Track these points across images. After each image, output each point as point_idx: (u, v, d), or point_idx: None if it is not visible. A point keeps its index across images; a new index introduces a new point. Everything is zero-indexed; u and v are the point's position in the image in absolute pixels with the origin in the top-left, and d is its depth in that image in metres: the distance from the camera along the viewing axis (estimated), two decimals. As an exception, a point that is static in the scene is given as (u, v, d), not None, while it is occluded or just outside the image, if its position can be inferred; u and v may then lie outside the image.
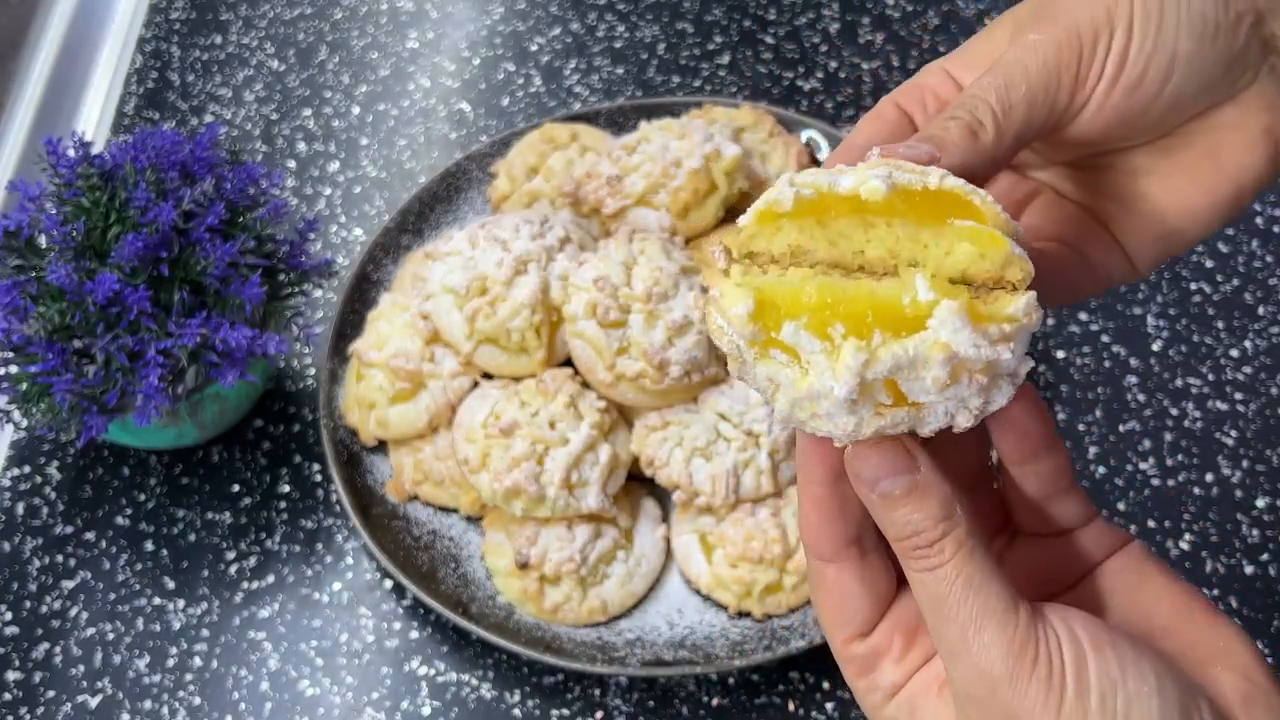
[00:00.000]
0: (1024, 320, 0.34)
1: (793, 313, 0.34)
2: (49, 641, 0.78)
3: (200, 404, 0.79)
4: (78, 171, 0.76)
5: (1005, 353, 0.34)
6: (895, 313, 0.34)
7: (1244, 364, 0.89)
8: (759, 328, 0.34)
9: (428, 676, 0.77)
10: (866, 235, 0.36)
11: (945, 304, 0.33)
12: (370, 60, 1.10)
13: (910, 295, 0.34)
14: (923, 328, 0.33)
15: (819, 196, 0.35)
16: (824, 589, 0.40)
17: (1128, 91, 0.40)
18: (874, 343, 0.34)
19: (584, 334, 0.78)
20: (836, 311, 0.34)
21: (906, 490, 0.36)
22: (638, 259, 0.79)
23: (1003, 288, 0.35)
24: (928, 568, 0.36)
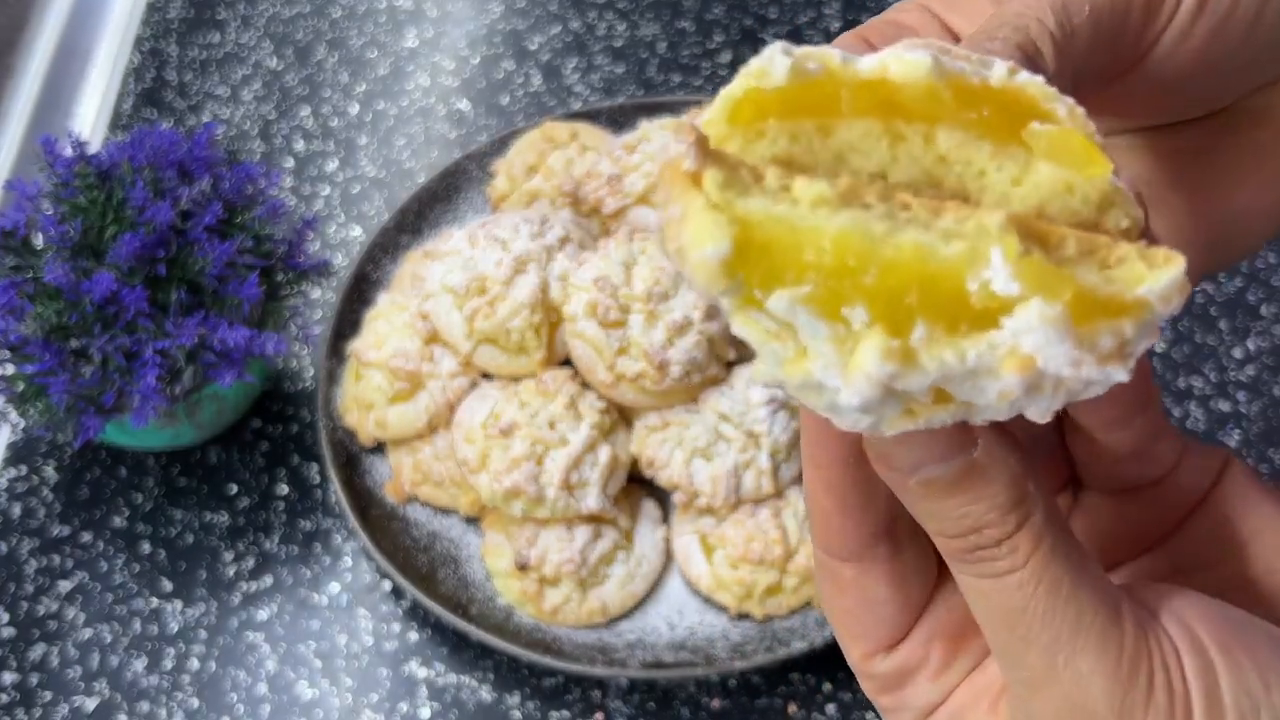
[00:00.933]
0: (1159, 311, 0.23)
1: (792, 274, 0.23)
2: (46, 643, 0.78)
3: (198, 404, 0.79)
4: (74, 171, 0.76)
5: (1119, 373, 0.23)
6: (953, 296, 0.23)
7: (1247, 364, 0.89)
8: (737, 282, 0.23)
9: (427, 678, 0.76)
10: (893, 152, 0.25)
11: (1037, 306, 0.22)
12: (369, 59, 1.09)
13: (979, 273, 0.23)
14: (994, 325, 0.23)
15: (827, 78, 0.24)
16: (840, 593, 0.31)
17: (1213, 30, 0.29)
18: (913, 339, 0.23)
19: (584, 334, 0.78)
20: (859, 282, 0.22)
21: (959, 474, 0.26)
22: (638, 258, 0.79)
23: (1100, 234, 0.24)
24: (994, 574, 0.26)
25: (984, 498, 0.26)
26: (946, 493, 0.26)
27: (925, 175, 0.25)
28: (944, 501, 0.27)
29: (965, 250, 0.22)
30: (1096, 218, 0.24)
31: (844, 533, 0.30)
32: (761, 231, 0.23)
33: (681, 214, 0.23)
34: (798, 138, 0.25)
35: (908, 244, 0.22)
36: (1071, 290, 0.22)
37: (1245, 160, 0.33)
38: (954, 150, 0.25)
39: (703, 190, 0.23)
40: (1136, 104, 0.32)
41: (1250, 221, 0.34)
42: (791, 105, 0.24)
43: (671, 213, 0.23)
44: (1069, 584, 0.26)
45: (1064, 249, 0.23)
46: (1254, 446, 0.85)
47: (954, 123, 0.24)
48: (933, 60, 0.23)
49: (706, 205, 0.23)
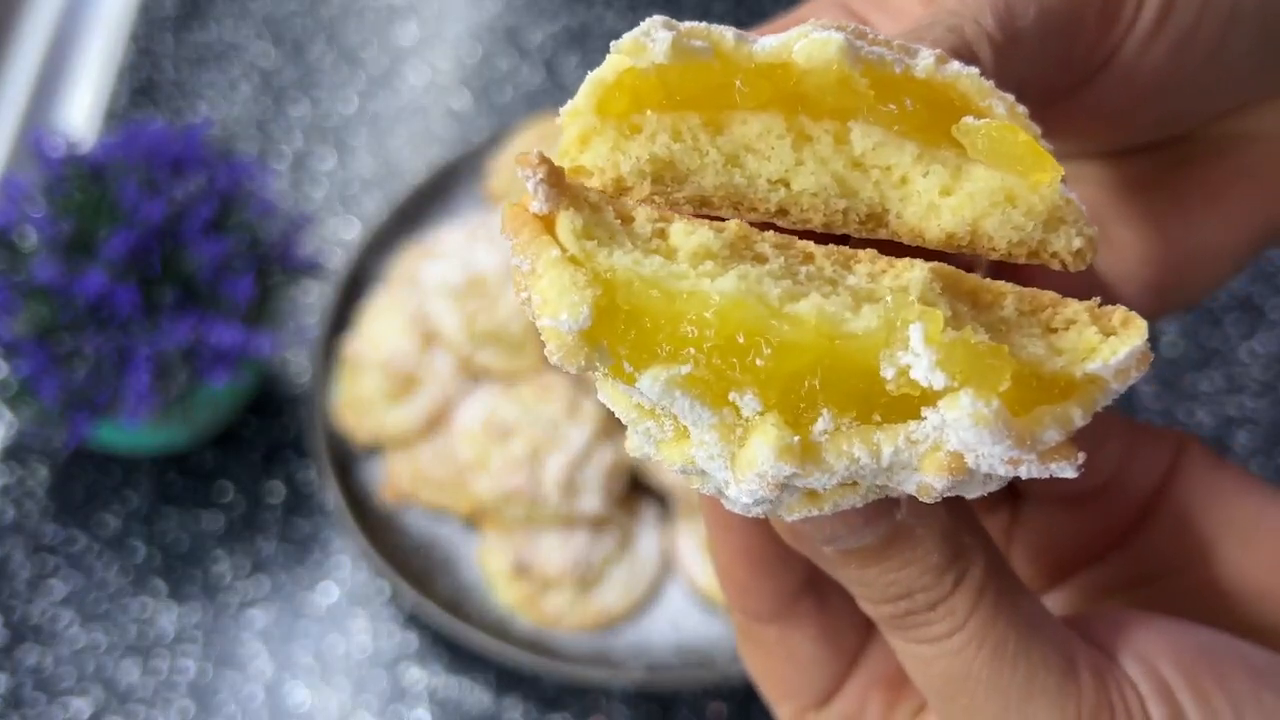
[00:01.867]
0: (1113, 389, 0.20)
1: (667, 348, 0.18)
2: (39, 647, 0.77)
3: (191, 405, 0.78)
4: (66, 168, 0.75)
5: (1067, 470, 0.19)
6: (865, 380, 0.19)
7: (1253, 364, 0.88)
8: (599, 351, 0.19)
9: (424, 682, 0.76)
10: (797, 154, 0.21)
11: (967, 403, 0.18)
12: (364, 54, 1.08)
13: (896, 357, 0.19)
14: (914, 413, 0.19)
15: (718, 60, 0.20)
16: (764, 655, 0.28)
17: (1175, 46, 0.25)
18: (816, 432, 0.19)
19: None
20: (749, 364, 0.18)
21: (883, 543, 0.23)
22: None
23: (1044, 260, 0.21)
24: (931, 639, 0.23)
25: (913, 561, 0.23)
26: (869, 562, 0.24)
27: (837, 183, 0.21)
28: (867, 570, 0.24)
29: (880, 326, 0.18)
30: (1043, 236, 0.20)
31: (762, 594, 0.28)
32: (630, 295, 0.18)
33: (531, 269, 0.19)
34: (681, 134, 0.21)
35: (809, 316, 0.18)
36: (1009, 375, 0.19)
37: (1203, 194, 0.29)
38: (871, 152, 0.21)
39: (557, 238, 0.19)
40: (1088, 124, 0.28)
41: (1207, 262, 0.30)
42: (674, 94, 0.21)
43: (518, 264, 0.19)
44: (1015, 641, 0.23)
45: (1000, 308, 0.20)
46: (1261, 446, 0.84)
47: (871, 118, 0.20)
48: (845, 41, 0.19)
49: (562, 260, 0.19)
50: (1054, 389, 0.19)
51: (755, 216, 0.20)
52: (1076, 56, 0.25)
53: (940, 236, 0.20)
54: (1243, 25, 0.26)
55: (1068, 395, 0.19)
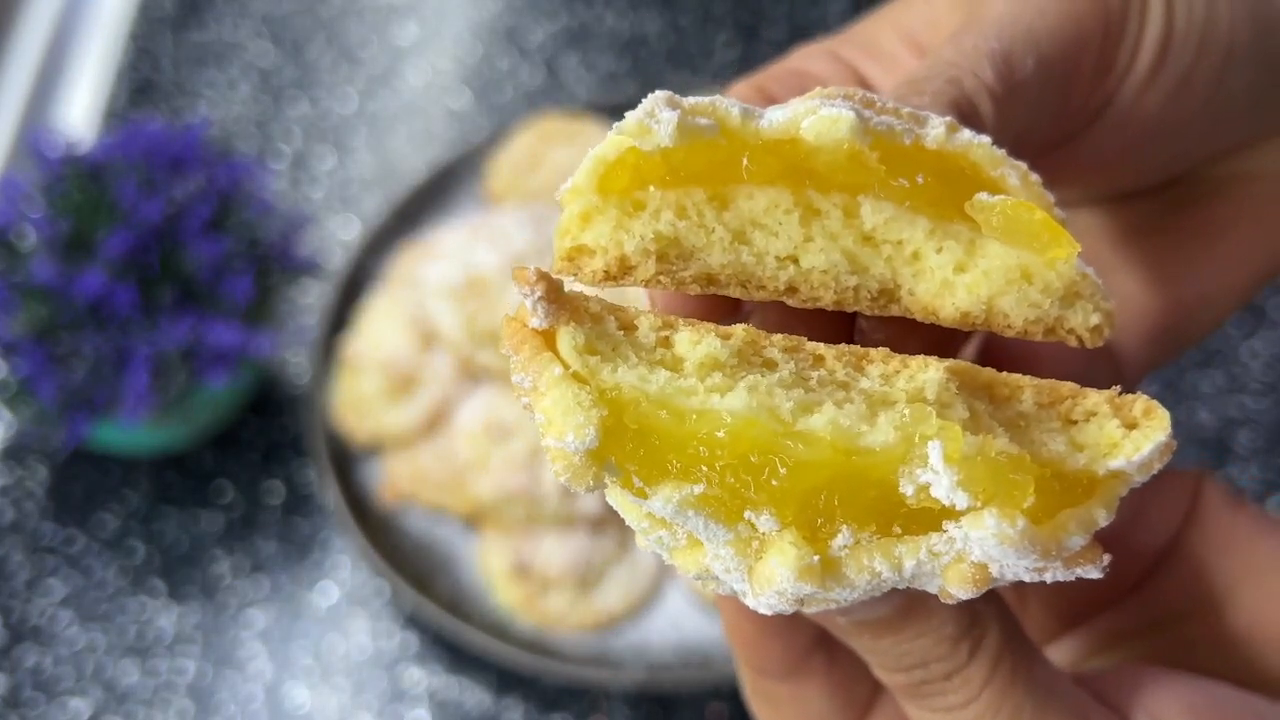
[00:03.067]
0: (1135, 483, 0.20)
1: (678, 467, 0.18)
2: (38, 648, 0.77)
3: (190, 405, 0.78)
4: (64, 168, 0.75)
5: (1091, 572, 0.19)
6: (883, 496, 0.19)
7: (1254, 364, 0.88)
8: (608, 466, 0.19)
9: (423, 683, 0.75)
10: (806, 230, 0.20)
11: (992, 523, 0.18)
12: (364, 54, 1.08)
13: (914, 475, 0.19)
14: (936, 527, 0.19)
15: (724, 137, 0.20)
16: (773, 710, 0.28)
17: (1172, 89, 0.25)
18: (835, 547, 0.19)
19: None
20: (764, 483, 0.18)
21: (897, 613, 0.23)
22: None
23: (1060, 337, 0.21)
24: (945, 708, 0.23)
25: (928, 631, 0.23)
26: (883, 633, 0.23)
27: (847, 259, 0.20)
28: (881, 641, 0.23)
29: (898, 441, 0.18)
30: (1060, 314, 0.20)
31: (772, 653, 0.27)
32: (637, 415, 0.18)
33: (534, 386, 0.19)
34: (686, 211, 0.20)
35: (824, 431, 0.18)
36: (1032, 489, 0.18)
37: (1203, 237, 0.29)
38: (882, 228, 0.20)
39: (558, 354, 0.19)
40: (1086, 170, 0.27)
41: (1209, 304, 0.30)
42: (678, 170, 0.20)
43: (519, 381, 0.19)
44: (1031, 710, 0.23)
45: (1018, 402, 0.20)
46: (1262, 446, 0.84)
47: (882, 193, 0.20)
48: (855, 116, 0.19)
49: (565, 377, 0.18)
50: (1076, 489, 0.19)
51: (764, 295, 0.20)
52: (1074, 104, 0.25)
53: (955, 315, 0.20)
54: (1239, 66, 0.26)
55: (1090, 494, 0.19)
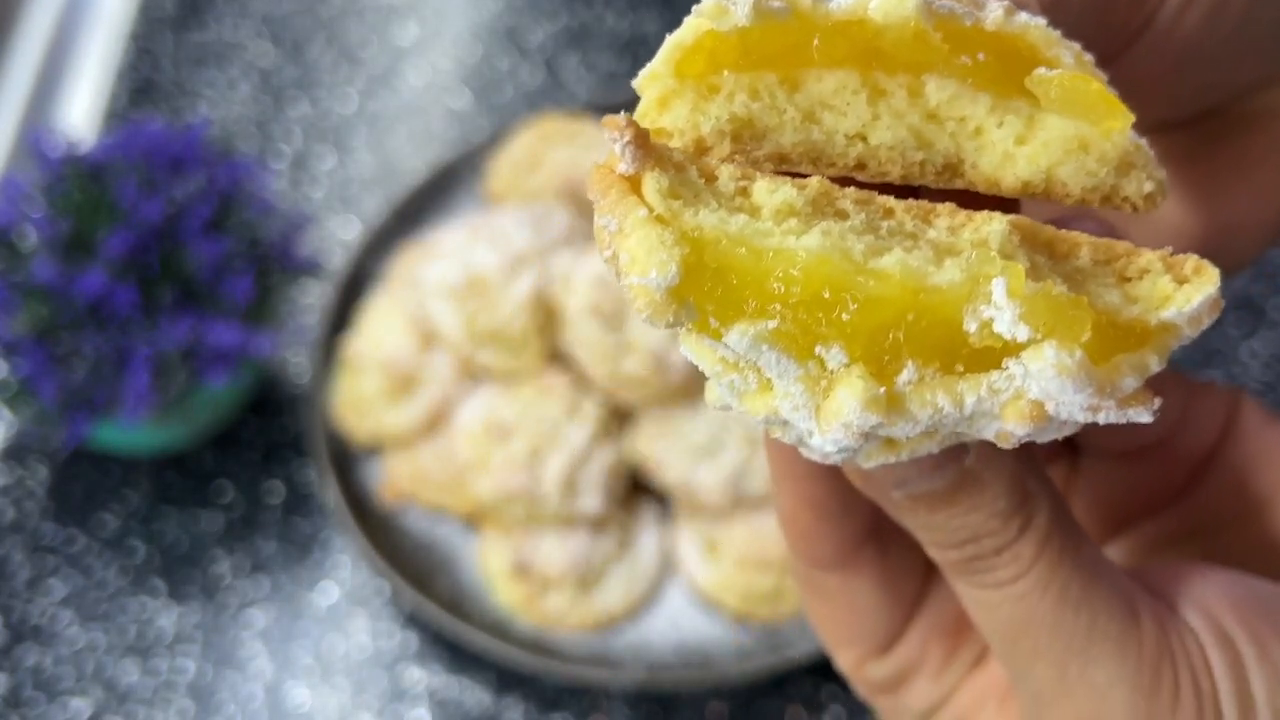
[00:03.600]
0: (1187, 335, 0.21)
1: (754, 304, 0.19)
2: (38, 647, 0.77)
3: (190, 405, 0.78)
4: (65, 168, 0.75)
5: (1143, 415, 0.20)
6: (948, 333, 0.19)
7: (1254, 363, 0.88)
8: (687, 308, 0.19)
9: (424, 683, 0.75)
10: (873, 109, 0.21)
11: (1051, 354, 0.19)
12: (364, 54, 1.08)
13: (978, 310, 0.19)
14: (995, 364, 0.20)
15: (795, 19, 0.20)
16: (825, 602, 0.29)
17: (1208, 13, 0.26)
18: (900, 383, 0.19)
19: (583, 333, 0.77)
20: (835, 319, 0.19)
21: (951, 486, 0.24)
22: None
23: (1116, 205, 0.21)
24: (996, 584, 0.24)
25: (980, 506, 0.24)
26: (937, 506, 0.24)
27: (913, 136, 0.21)
28: (935, 515, 0.24)
29: (963, 280, 0.19)
30: (1115, 182, 0.21)
31: (825, 542, 0.29)
32: (717, 253, 0.19)
33: (619, 228, 0.19)
34: (759, 93, 0.21)
35: (894, 270, 0.19)
36: (1089, 326, 0.19)
37: (1237, 169, 0.29)
38: (946, 105, 0.21)
39: (643, 198, 0.20)
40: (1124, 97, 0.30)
41: (1242, 234, 0.30)
42: (751, 54, 0.21)
43: (605, 224, 0.20)
44: (1079, 588, 0.24)
45: (1076, 258, 0.21)
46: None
47: (945, 71, 0.21)
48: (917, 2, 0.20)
49: (649, 219, 0.19)
50: (1130, 337, 0.20)
51: (834, 171, 0.21)
52: (1115, 23, 0.26)
53: (1016, 185, 0.21)
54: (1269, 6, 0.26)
55: (1144, 343, 0.20)
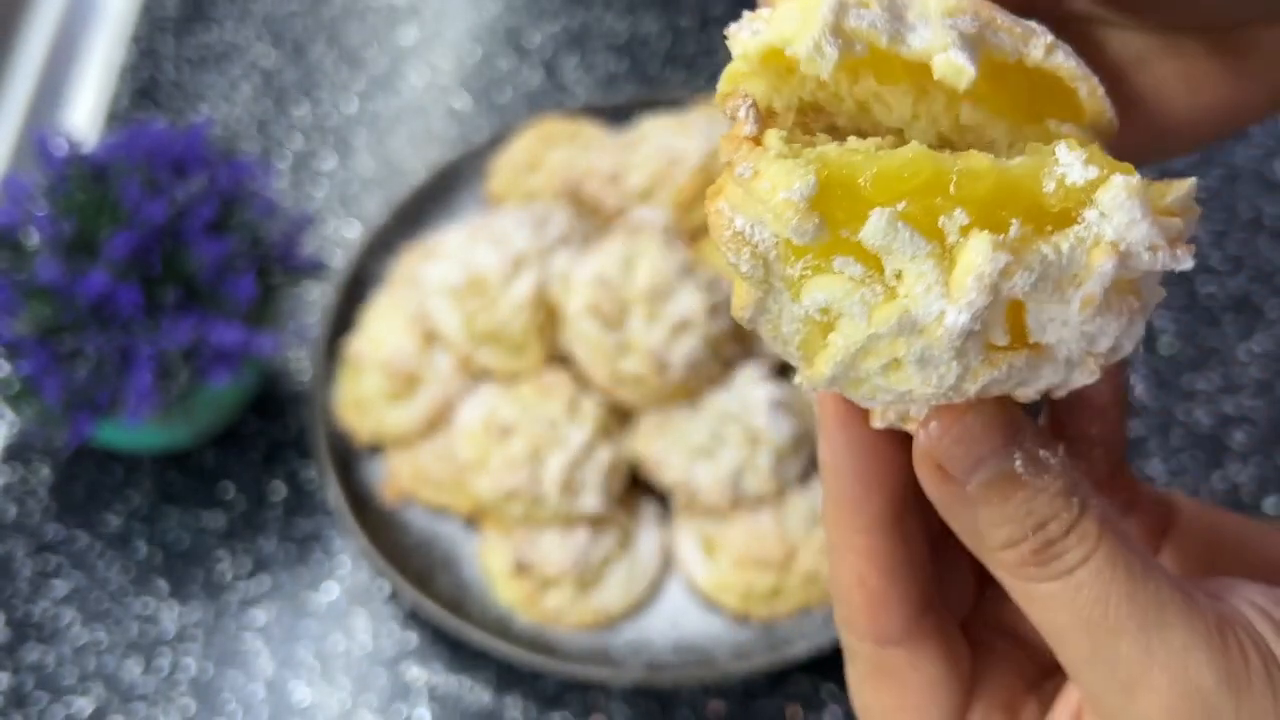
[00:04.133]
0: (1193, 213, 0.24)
1: (882, 199, 0.22)
2: (41, 645, 0.77)
3: (193, 404, 0.78)
4: (68, 168, 0.75)
5: (1187, 259, 0.23)
6: (1032, 200, 0.23)
7: (1251, 364, 0.89)
8: (822, 222, 0.22)
9: (425, 681, 0.76)
10: (915, 109, 0.25)
11: (1119, 181, 0.23)
12: (365, 55, 1.08)
13: (1052, 171, 0.23)
14: (1071, 221, 0.23)
15: (870, 53, 0.24)
16: (896, 686, 0.28)
17: None
18: (1011, 236, 0.22)
19: (583, 333, 0.77)
20: (948, 194, 0.22)
21: (1025, 463, 0.25)
22: (638, 257, 0.78)
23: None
24: (1068, 569, 0.24)
25: (1045, 487, 0.25)
26: (1010, 491, 0.25)
27: (939, 138, 0.25)
28: (1007, 502, 0.25)
29: (1032, 158, 0.23)
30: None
31: (893, 609, 0.27)
32: (839, 167, 0.22)
33: (754, 170, 0.23)
34: (825, 85, 0.25)
35: (979, 161, 0.22)
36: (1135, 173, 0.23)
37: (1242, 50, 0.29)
38: (973, 121, 0.25)
39: (767, 148, 0.23)
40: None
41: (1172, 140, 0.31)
42: None
43: (742, 172, 0.23)
44: (1140, 562, 0.24)
45: None
46: (1258, 446, 0.84)
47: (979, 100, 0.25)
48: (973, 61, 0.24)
49: (779, 155, 0.23)
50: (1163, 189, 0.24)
51: None
52: None
53: None
54: None
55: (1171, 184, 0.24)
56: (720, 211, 0.23)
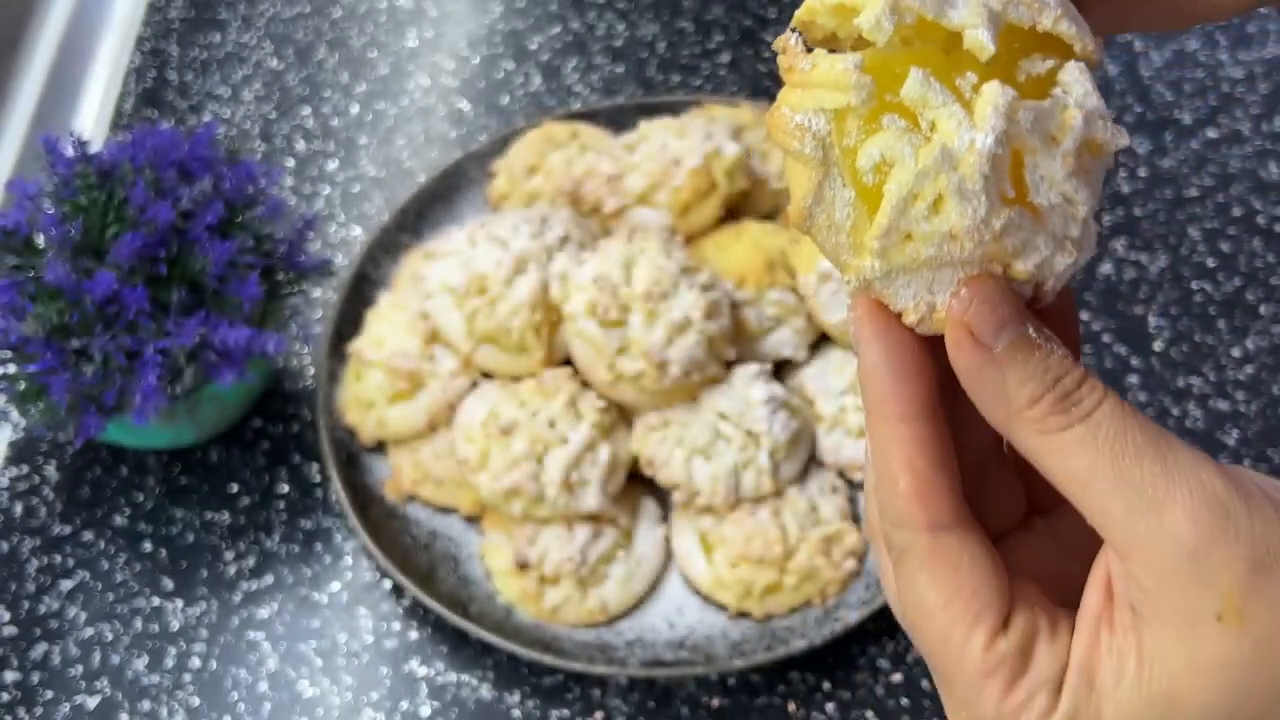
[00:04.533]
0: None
1: (914, 66, 0.29)
2: (47, 642, 0.78)
3: (198, 404, 0.79)
4: (75, 170, 0.76)
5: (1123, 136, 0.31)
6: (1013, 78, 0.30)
7: (1246, 363, 0.89)
8: (873, 82, 0.29)
9: (427, 677, 0.77)
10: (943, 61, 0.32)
11: (1073, 64, 0.30)
12: (369, 59, 1.09)
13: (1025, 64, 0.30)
14: (1046, 94, 0.29)
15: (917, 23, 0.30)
16: (954, 570, 0.29)
17: None
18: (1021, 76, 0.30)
19: (583, 333, 0.78)
20: (959, 64, 0.29)
21: (1037, 327, 0.29)
22: (638, 258, 0.79)
23: None
24: (1088, 413, 0.28)
25: (1055, 349, 0.29)
26: (1028, 350, 0.29)
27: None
28: (1029, 360, 0.28)
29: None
30: None
31: (941, 495, 0.30)
32: (876, 53, 0.29)
33: (813, 64, 0.29)
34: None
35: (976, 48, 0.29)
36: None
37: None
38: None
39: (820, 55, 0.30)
40: None
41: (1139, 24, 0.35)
42: None
43: (804, 66, 0.30)
44: (1136, 414, 0.29)
45: None
46: (1253, 446, 0.85)
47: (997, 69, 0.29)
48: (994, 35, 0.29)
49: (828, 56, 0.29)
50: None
51: None
52: None
53: None
54: None
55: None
56: (782, 114, 0.30)
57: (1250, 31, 1.10)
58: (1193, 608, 0.26)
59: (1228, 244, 0.96)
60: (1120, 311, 0.92)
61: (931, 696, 0.75)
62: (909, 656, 0.77)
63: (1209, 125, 1.03)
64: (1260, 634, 0.26)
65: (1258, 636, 0.26)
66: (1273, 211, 0.98)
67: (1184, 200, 0.99)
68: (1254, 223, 0.97)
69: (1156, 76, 1.07)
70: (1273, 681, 0.26)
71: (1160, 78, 1.07)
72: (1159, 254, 0.95)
